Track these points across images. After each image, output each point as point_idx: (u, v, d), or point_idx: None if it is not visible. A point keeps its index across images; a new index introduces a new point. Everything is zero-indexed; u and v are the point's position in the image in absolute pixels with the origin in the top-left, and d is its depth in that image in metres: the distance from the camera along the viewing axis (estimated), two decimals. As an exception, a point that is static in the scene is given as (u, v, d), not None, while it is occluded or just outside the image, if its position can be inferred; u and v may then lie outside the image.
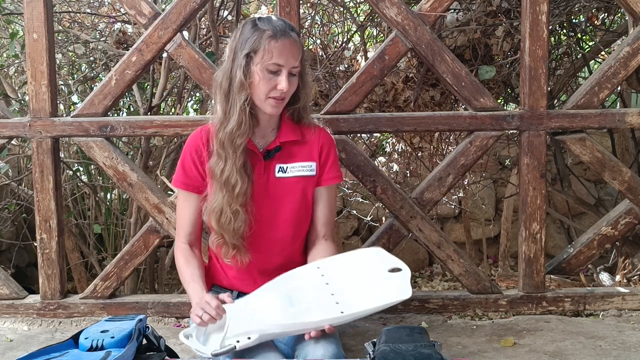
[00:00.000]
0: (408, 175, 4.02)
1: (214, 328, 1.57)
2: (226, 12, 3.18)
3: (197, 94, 3.70)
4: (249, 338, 1.49)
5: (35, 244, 2.44)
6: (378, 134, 3.78)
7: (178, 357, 1.56)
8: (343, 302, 1.56)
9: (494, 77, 2.82)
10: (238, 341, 1.49)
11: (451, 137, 3.47)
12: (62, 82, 3.46)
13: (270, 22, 1.68)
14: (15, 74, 3.67)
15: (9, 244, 3.63)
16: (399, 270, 1.64)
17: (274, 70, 1.66)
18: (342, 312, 1.53)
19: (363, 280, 1.63)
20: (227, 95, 1.70)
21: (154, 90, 3.10)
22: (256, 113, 1.75)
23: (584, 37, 3.47)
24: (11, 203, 3.39)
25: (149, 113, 3.05)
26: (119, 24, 3.26)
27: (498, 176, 4.44)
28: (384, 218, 3.87)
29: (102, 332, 1.39)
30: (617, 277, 2.84)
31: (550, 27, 2.33)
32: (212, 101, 1.83)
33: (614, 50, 3.03)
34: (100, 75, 3.44)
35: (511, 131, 2.62)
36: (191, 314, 1.59)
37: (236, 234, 1.70)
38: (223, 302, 1.58)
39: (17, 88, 3.50)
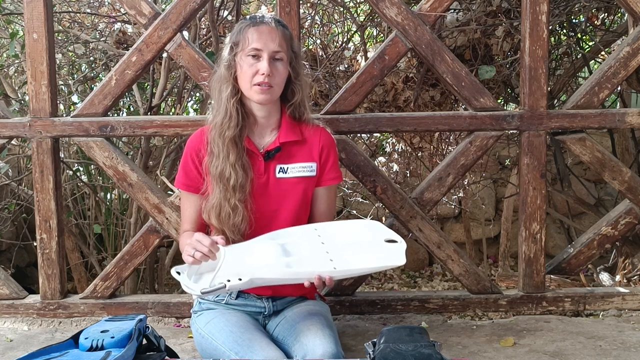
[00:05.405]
0: (408, 175, 4.02)
1: (206, 269, 1.56)
2: (226, 12, 3.18)
3: (197, 94, 3.70)
4: (240, 279, 1.48)
5: (35, 244, 2.44)
6: (378, 134, 3.78)
7: (178, 357, 1.56)
8: (337, 259, 1.57)
9: (494, 77, 2.82)
10: (229, 280, 1.48)
11: (451, 137, 3.47)
12: (62, 82, 3.46)
13: (255, 16, 1.73)
14: (15, 74, 3.67)
15: (9, 244, 3.62)
16: (395, 242, 1.65)
17: (254, 55, 1.69)
18: (335, 268, 1.54)
19: (358, 244, 1.65)
20: (219, 92, 1.75)
21: (154, 90, 3.10)
22: (250, 108, 1.77)
23: (584, 37, 3.47)
24: (11, 203, 3.39)
25: (149, 113, 3.05)
26: (119, 24, 3.26)
27: (498, 176, 4.43)
28: (384, 218, 3.87)
29: (102, 332, 1.39)
30: (617, 277, 2.84)
31: (550, 27, 2.33)
32: (211, 101, 1.84)
33: (614, 50, 3.03)
34: (100, 75, 3.44)
35: (511, 131, 2.62)
36: (183, 255, 1.59)
37: (236, 229, 1.71)
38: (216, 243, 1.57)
39: (17, 88, 3.49)
